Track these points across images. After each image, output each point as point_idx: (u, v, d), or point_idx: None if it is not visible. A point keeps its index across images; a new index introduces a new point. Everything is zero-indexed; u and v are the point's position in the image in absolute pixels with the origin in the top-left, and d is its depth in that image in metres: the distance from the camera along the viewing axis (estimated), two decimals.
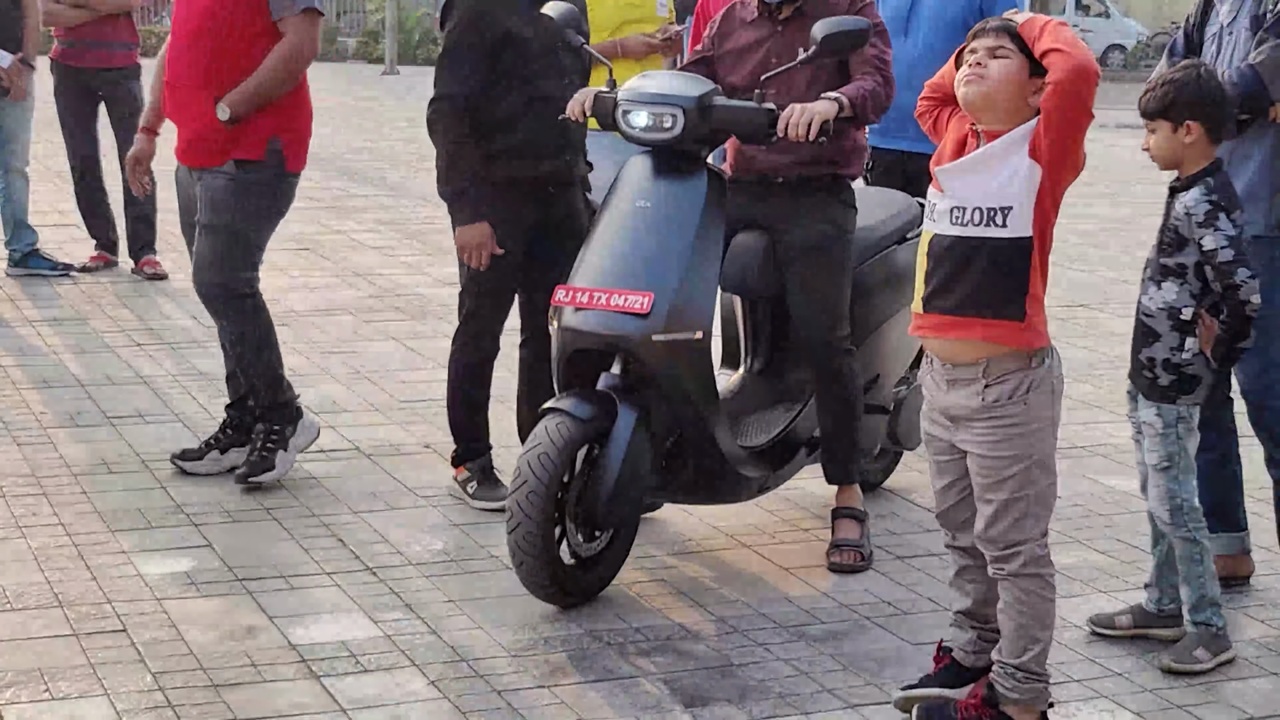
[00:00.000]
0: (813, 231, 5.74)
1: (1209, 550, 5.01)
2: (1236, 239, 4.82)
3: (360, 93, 24.24)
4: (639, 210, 5.40)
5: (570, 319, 5.32)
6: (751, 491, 5.78)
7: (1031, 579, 4.38)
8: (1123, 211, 14.13)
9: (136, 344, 8.48)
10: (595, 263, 5.37)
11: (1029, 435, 4.34)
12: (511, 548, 5.13)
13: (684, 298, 5.27)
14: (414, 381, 7.94)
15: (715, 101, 5.45)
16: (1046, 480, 4.38)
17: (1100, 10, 40.92)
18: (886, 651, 5.06)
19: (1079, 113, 4.20)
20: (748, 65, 5.80)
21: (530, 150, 6.01)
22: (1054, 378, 4.36)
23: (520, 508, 5.07)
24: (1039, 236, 4.25)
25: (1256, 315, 4.84)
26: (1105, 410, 7.69)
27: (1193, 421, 4.99)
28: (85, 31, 10.17)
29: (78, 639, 4.92)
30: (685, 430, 5.44)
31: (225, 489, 6.30)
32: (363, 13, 33.54)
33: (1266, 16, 5.18)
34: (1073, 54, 4.15)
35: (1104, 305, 10.24)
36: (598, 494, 5.19)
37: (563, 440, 5.11)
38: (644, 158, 5.54)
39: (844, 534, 5.84)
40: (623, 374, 5.33)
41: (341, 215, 12.86)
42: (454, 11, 6.03)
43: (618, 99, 5.50)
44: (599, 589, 5.39)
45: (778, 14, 5.82)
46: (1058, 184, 4.25)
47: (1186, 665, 4.95)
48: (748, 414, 5.99)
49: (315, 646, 4.94)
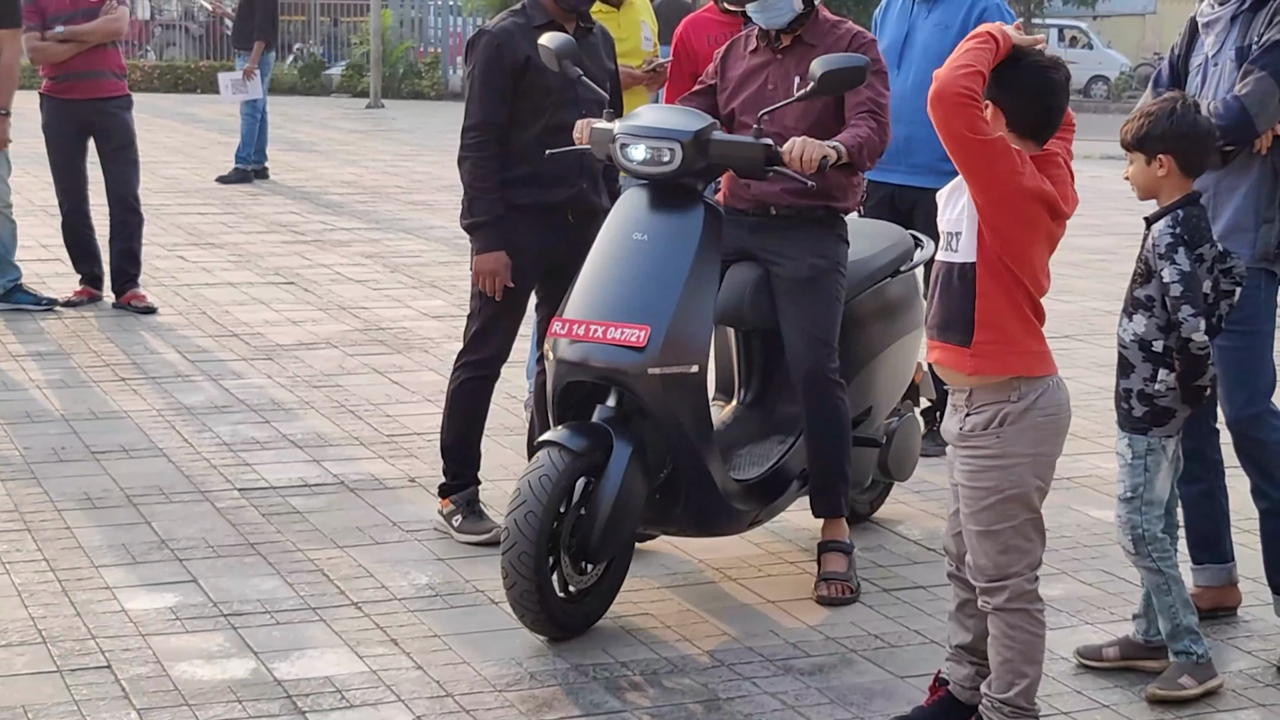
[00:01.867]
0: (804, 265, 5.77)
1: (1176, 579, 5.01)
2: (1189, 275, 4.82)
3: (345, 126, 24.23)
4: (636, 243, 5.42)
5: (566, 351, 5.33)
6: (744, 525, 5.77)
7: (1017, 613, 4.37)
8: (1107, 242, 14.14)
9: (121, 379, 8.46)
10: (591, 295, 5.38)
11: (1005, 469, 4.34)
12: (505, 568, 5.11)
13: (680, 331, 5.28)
14: (398, 415, 7.92)
15: (713, 136, 5.49)
16: (1025, 515, 4.37)
17: (1084, 42, 41.06)
18: (874, 685, 5.05)
19: (949, 139, 4.22)
20: (747, 92, 5.88)
21: (548, 179, 6.08)
22: (1038, 413, 4.34)
23: (517, 526, 5.07)
24: (984, 262, 4.27)
25: (1203, 353, 4.82)
26: (1091, 442, 7.69)
27: (1166, 454, 4.99)
28: (75, 63, 10.13)
29: (61, 675, 4.90)
30: (679, 463, 5.43)
31: (210, 524, 6.28)
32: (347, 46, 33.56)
33: (1251, 48, 5.19)
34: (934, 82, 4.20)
35: (1089, 336, 10.24)
36: (592, 525, 5.19)
37: (563, 465, 5.13)
38: (640, 190, 5.56)
39: (831, 567, 5.81)
40: (617, 406, 5.33)
41: (326, 249, 12.85)
42: (476, 47, 6.12)
43: (615, 133, 5.53)
44: (587, 625, 5.37)
45: (777, 43, 5.89)
46: (988, 212, 4.26)
47: (1171, 692, 4.94)
48: (741, 446, 5.98)
49: (300, 682, 4.91)
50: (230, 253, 12.47)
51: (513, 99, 6.05)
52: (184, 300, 10.54)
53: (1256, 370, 5.31)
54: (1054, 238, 4.39)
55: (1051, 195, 4.29)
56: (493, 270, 6.04)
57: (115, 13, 10.19)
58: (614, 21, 7.36)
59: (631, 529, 5.38)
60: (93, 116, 10.22)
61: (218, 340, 9.43)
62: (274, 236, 13.37)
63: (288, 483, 6.82)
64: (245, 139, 16.83)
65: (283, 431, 7.57)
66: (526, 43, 6.02)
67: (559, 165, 5.98)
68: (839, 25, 5.95)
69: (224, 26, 31.47)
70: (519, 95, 6.05)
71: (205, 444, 7.33)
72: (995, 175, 4.23)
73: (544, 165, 5.99)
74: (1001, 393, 4.33)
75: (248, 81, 16.56)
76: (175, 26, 35.65)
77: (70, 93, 10.18)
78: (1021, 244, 4.30)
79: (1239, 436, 5.37)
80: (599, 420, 5.33)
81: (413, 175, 18.05)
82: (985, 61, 4.22)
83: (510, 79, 6.04)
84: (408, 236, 13.62)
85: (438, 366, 8.89)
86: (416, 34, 33.99)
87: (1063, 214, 4.36)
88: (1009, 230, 4.27)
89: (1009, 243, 4.28)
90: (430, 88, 31.26)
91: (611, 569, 5.40)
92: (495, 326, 6.20)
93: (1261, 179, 5.26)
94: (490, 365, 6.27)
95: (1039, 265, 4.37)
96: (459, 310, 10.42)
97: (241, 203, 15.26)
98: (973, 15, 7.14)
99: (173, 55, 34.09)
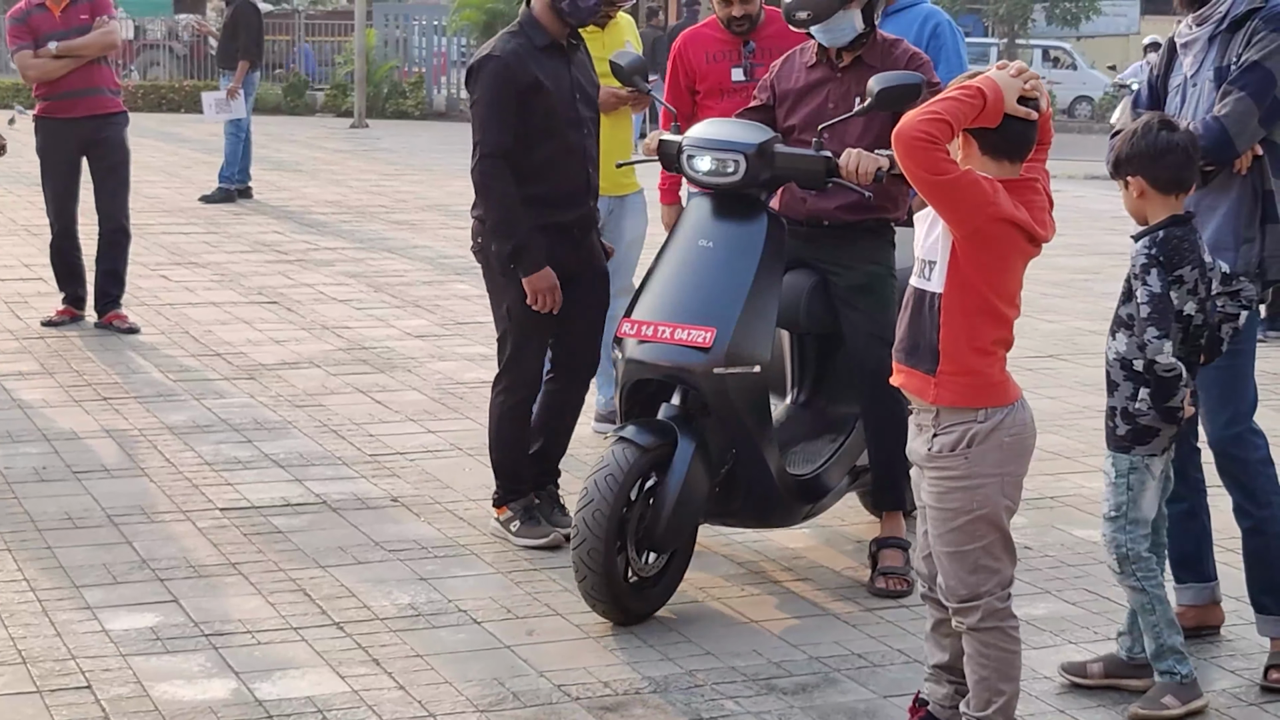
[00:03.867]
0: (861, 272, 6.05)
1: (1161, 599, 5.01)
2: (1159, 296, 4.83)
3: (329, 145, 24.22)
4: (702, 250, 5.71)
5: (634, 351, 5.62)
6: (798, 517, 6.05)
7: (991, 632, 4.38)
8: (1091, 261, 14.16)
9: (103, 398, 8.44)
10: (660, 298, 5.67)
11: (972, 490, 4.35)
12: (576, 563, 5.42)
13: (744, 334, 5.57)
14: (381, 435, 7.90)
15: (776, 149, 5.75)
16: (994, 535, 4.37)
17: (1068, 62, 41.16)
18: (857, 704, 5.04)
19: (912, 179, 4.25)
20: (807, 108, 6.09)
21: (561, 199, 6.22)
22: (1004, 433, 4.34)
23: (586, 524, 5.36)
24: (959, 293, 4.29)
25: (1170, 375, 4.83)
26: (1075, 461, 7.69)
27: (1151, 473, 4.99)
28: (71, 81, 10.10)
29: (41, 696, 4.88)
30: (740, 458, 5.71)
31: (191, 544, 6.26)
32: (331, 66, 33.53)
33: (1230, 68, 5.20)
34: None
35: (1073, 356, 10.25)
36: (658, 517, 5.49)
37: (628, 463, 5.38)
38: (705, 199, 5.83)
39: (889, 562, 6.03)
40: (682, 404, 5.59)
41: (309, 268, 12.83)
42: (480, 72, 6.19)
43: (682, 144, 5.79)
44: (654, 610, 5.65)
45: (839, 61, 6.09)
46: (963, 245, 4.27)
47: (1154, 711, 4.94)
48: (794, 444, 6.23)
49: (282, 702, 4.90)
50: (213, 272, 12.45)
51: (522, 120, 6.13)
52: (167, 320, 10.52)
53: (1239, 390, 5.31)
54: (1028, 261, 4.41)
55: (1026, 222, 4.28)
56: (550, 286, 6.16)
57: (107, 26, 10.19)
58: (599, 41, 7.36)
59: (694, 521, 5.66)
60: (91, 134, 10.20)
61: (200, 360, 9.41)
62: (257, 256, 13.35)
63: (270, 502, 6.80)
64: (229, 158, 16.81)
65: (265, 451, 7.55)
66: (534, 64, 6.15)
67: (570, 185, 6.18)
68: (896, 45, 6.17)
69: (208, 46, 31.48)
70: (529, 115, 6.14)
71: (187, 463, 7.31)
72: (965, 210, 4.24)
73: (557, 185, 6.17)
74: (968, 414, 4.35)
75: (231, 101, 16.56)
76: (159, 46, 35.56)
77: (69, 111, 10.16)
78: (998, 272, 4.31)
79: (1221, 456, 5.37)
80: (664, 418, 5.60)
81: (397, 195, 18.04)
82: (960, 115, 4.19)
83: (518, 102, 6.12)
84: (391, 256, 13.61)
85: (421, 386, 8.88)
86: (401, 54, 33.97)
87: (1040, 239, 4.35)
88: (985, 260, 4.29)
89: (986, 271, 4.29)
90: (415, 107, 31.25)
91: (676, 558, 5.66)
92: (527, 346, 6.32)
93: (1241, 198, 5.27)
94: (529, 386, 6.39)
95: (1013, 293, 4.38)
96: (442, 330, 10.44)
97: (225, 222, 15.25)
98: (925, 32, 7.15)
99: (156, 75, 34.02)
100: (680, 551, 5.68)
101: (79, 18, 10.14)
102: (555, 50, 6.23)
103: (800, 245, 6.06)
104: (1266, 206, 5.25)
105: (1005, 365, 4.41)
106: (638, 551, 5.56)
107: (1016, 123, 4.31)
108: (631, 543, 5.52)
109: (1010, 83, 4.28)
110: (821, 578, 6.16)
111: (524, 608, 5.73)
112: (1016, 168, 4.36)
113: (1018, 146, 4.35)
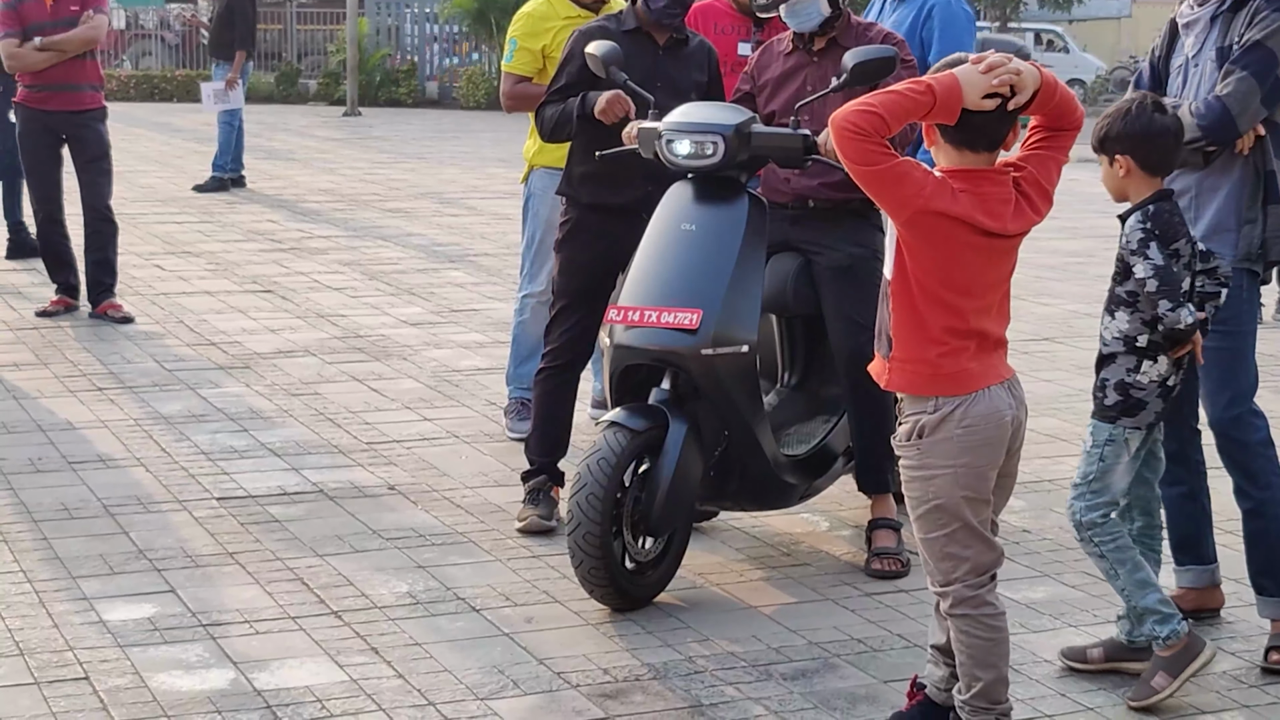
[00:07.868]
0: (844, 254, 6.08)
1: (1124, 562, 5.00)
2: (1164, 269, 4.85)
3: (322, 134, 24.18)
4: (684, 233, 5.72)
5: (622, 336, 5.64)
6: (795, 498, 6.08)
7: (963, 619, 4.39)
8: (1085, 245, 14.16)
9: (98, 388, 8.42)
10: (645, 282, 5.68)
11: (926, 480, 4.35)
12: (572, 548, 5.43)
13: (730, 313, 5.59)
14: (377, 423, 7.89)
15: (753, 129, 5.79)
16: (956, 524, 4.34)
17: (1060, 45, 41.14)
18: (858, 690, 5.03)
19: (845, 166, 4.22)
20: (786, 93, 6.17)
21: (605, 179, 6.27)
22: (954, 424, 4.29)
23: (580, 508, 5.37)
24: (898, 281, 4.31)
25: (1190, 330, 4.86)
26: (1070, 443, 7.67)
27: (1128, 448, 5.02)
28: (52, 74, 10.08)
29: (39, 687, 4.86)
30: (733, 439, 5.72)
31: (188, 534, 6.24)
32: (324, 55, 33.47)
33: (1232, 48, 5.18)
34: None
35: (1068, 339, 10.24)
36: (652, 500, 5.49)
37: (621, 447, 5.41)
38: (687, 183, 5.84)
39: (882, 543, 6.09)
40: (672, 388, 5.62)
41: (303, 257, 12.81)
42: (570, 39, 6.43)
43: (660, 129, 5.80)
44: (654, 594, 5.66)
45: (812, 45, 6.17)
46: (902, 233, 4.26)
47: (1145, 699, 4.92)
48: (788, 426, 6.28)
49: (281, 692, 4.89)
50: (207, 261, 12.43)
51: (592, 89, 6.22)
52: (161, 309, 10.50)
53: (1239, 371, 5.30)
54: (995, 252, 4.31)
55: (966, 215, 4.20)
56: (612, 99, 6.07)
57: (93, 21, 10.15)
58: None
59: (689, 504, 5.68)
60: (67, 128, 10.19)
61: (195, 349, 9.39)
62: (251, 245, 13.33)
63: (266, 491, 6.78)
64: (222, 147, 16.79)
65: (261, 440, 7.53)
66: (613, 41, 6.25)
67: (614, 166, 6.17)
68: (870, 28, 6.28)
69: (200, 36, 31.43)
70: (598, 86, 6.20)
71: (183, 453, 7.29)
72: (895, 200, 4.22)
73: (601, 165, 6.18)
74: (921, 404, 4.35)
75: (230, 91, 16.56)
76: (151, 36, 35.53)
77: (46, 103, 10.14)
78: (943, 262, 4.26)
79: (1221, 437, 5.36)
80: (655, 402, 5.62)
81: (390, 183, 18.01)
82: (899, 110, 4.12)
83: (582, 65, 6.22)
84: (385, 244, 13.59)
85: (416, 374, 8.87)
86: (393, 42, 33.95)
87: (992, 232, 4.25)
88: (926, 250, 4.26)
89: (928, 261, 4.25)
90: (407, 95, 31.22)
91: (673, 542, 5.67)
92: (569, 313, 6.36)
93: (1244, 179, 5.26)
94: (565, 360, 6.40)
95: (967, 284, 4.29)
96: (437, 317, 10.42)
97: (218, 211, 15.22)
98: (922, 14, 7.27)
99: (149, 65, 33.99)
100: (677, 536, 5.69)
101: (69, 9, 10.09)
102: (641, 37, 6.30)
103: (785, 227, 6.12)
104: (1268, 187, 5.24)
105: (970, 356, 4.31)
106: (634, 536, 5.57)
107: (976, 116, 4.22)
108: (627, 527, 5.53)
109: (976, 80, 4.18)
110: (820, 563, 6.15)
111: (523, 595, 5.71)
112: (984, 158, 4.27)
113: (977, 138, 4.26)
